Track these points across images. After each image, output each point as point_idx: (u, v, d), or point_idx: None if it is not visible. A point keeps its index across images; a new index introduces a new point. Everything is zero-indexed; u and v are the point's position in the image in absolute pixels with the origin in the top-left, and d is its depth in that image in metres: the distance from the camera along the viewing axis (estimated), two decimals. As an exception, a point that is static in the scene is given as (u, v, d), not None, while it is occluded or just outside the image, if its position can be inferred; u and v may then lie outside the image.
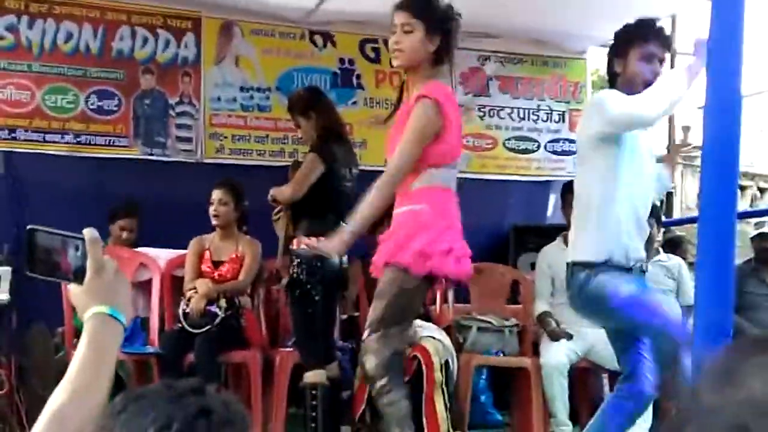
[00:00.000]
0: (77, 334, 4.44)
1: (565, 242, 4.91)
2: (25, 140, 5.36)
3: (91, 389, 1.22)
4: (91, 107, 5.51)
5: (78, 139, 5.47)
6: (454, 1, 5.26)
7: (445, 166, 3.36)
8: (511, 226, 6.16)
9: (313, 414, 4.13)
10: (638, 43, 3.23)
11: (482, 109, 6.41)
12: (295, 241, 4.22)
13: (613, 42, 3.39)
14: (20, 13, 5.38)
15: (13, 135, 5.34)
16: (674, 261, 5.10)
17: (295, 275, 4.18)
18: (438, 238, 3.25)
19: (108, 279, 1.32)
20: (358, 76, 6.06)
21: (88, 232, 1.33)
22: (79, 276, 1.32)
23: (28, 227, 1.36)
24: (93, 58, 5.53)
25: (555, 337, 4.65)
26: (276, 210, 4.49)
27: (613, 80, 3.36)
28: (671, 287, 4.94)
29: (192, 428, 1.07)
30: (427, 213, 3.28)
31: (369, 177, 5.23)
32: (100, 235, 1.47)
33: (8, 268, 3.97)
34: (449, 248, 3.26)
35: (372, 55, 6.11)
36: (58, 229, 1.38)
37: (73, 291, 1.33)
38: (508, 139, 6.48)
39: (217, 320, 4.37)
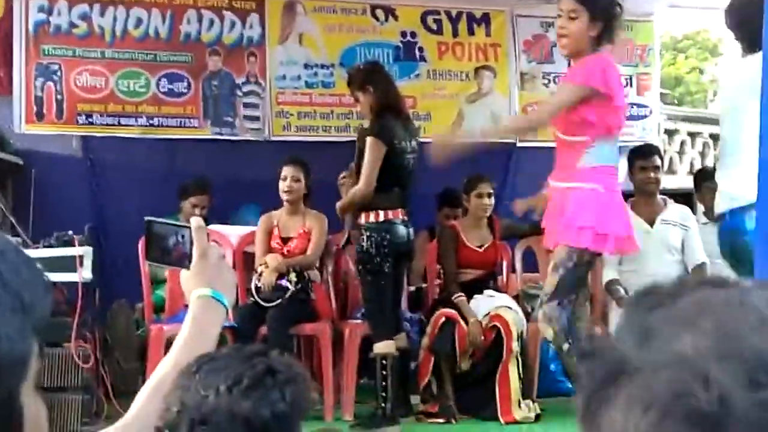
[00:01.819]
0: (156, 309, 4.62)
1: (632, 208, 4.84)
2: (100, 125, 5.47)
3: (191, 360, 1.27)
4: (162, 90, 5.59)
5: (150, 122, 5.56)
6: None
7: (612, 141, 3.44)
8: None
9: (383, 384, 4.15)
10: None
11: (547, 77, 6.30)
12: (363, 215, 4.28)
13: None
14: (92, 2, 5.47)
15: (89, 120, 5.46)
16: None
17: (364, 248, 4.23)
18: (607, 219, 3.34)
19: (212, 264, 1.36)
20: (421, 49, 6.01)
21: (195, 221, 1.39)
22: (185, 261, 1.37)
23: (146, 218, 1.42)
24: (162, 43, 5.61)
25: (624, 305, 4.59)
26: (341, 176, 4.51)
27: None
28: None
29: (260, 384, 1.14)
30: (601, 193, 3.34)
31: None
32: (171, 214, 1.54)
33: (90, 248, 4.04)
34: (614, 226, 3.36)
35: (434, 26, 6.06)
36: (133, 208, 1.46)
37: (182, 275, 1.39)
38: (575, 106, 6.39)
39: (288, 294, 4.41)
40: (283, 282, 4.46)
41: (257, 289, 4.45)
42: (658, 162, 5.00)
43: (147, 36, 5.59)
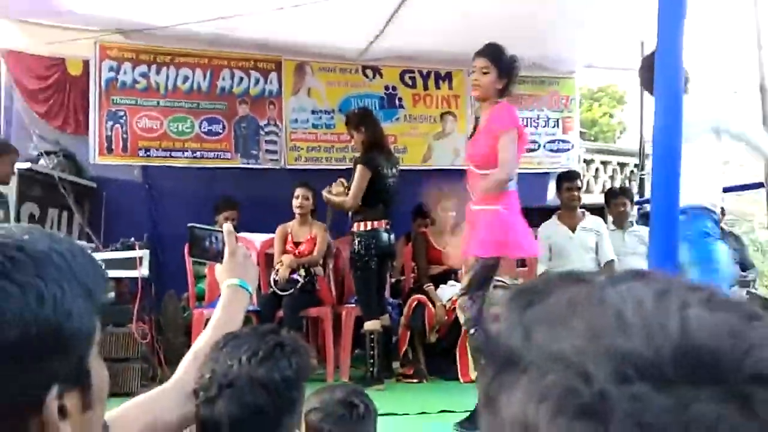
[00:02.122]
0: (198, 298, 4.59)
1: (559, 219, 4.86)
2: (156, 157, 5.47)
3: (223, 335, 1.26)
4: (203, 131, 5.60)
5: (194, 155, 5.56)
6: (473, 37, 5.27)
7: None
8: (521, 208, 6.08)
9: (371, 353, 4.15)
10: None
11: (495, 120, 6.35)
12: (355, 224, 4.27)
13: None
14: (150, 63, 5.49)
15: (147, 153, 5.46)
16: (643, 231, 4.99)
17: (356, 250, 4.23)
18: (506, 232, 3.24)
19: (239, 260, 1.34)
20: (400, 99, 6.03)
21: (226, 227, 1.38)
22: (219, 257, 1.36)
23: (189, 225, 1.40)
24: (203, 94, 5.62)
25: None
26: (326, 189, 4.46)
27: None
28: (643, 252, 4.86)
29: (272, 355, 1.15)
30: (502, 212, 3.22)
31: (409, 174, 5.29)
32: (209, 224, 1.52)
33: (147, 251, 4.03)
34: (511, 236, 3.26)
35: (410, 82, 6.08)
36: (180, 220, 1.44)
37: (216, 268, 1.38)
38: (516, 142, 6.41)
39: (299, 285, 4.39)
40: (295, 276, 4.45)
41: (275, 281, 4.43)
42: (580, 184, 5.03)
43: (192, 89, 5.59)
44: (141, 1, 4.66)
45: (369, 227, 4.18)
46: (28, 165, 4.49)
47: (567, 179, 4.95)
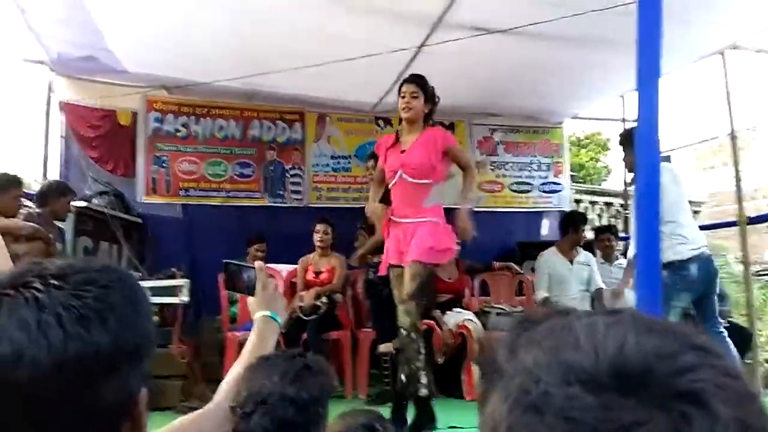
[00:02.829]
0: (231, 321, 4.60)
1: (558, 250, 4.83)
2: (195, 196, 5.53)
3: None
4: (236, 174, 5.67)
5: (228, 195, 5.62)
6: (473, 92, 5.39)
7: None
8: (517, 243, 6.09)
9: (386, 372, 4.14)
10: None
11: (493, 164, 6.41)
12: (373, 258, 4.26)
13: None
14: (190, 115, 5.60)
15: (187, 193, 5.52)
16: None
17: (370, 279, 4.24)
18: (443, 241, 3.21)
19: (269, 293, 1.34)
20: (409, 146, 6.12)
21: (258, 264, 1.37)
22: (251, 291, 1.35)
23: (224, 261, 1.40)
24: (236, 141, 5.70)
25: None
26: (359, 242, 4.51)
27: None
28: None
29: (300, 375, 1.19)
30: (442, 223, 3.23)
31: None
32: (241, 256, 1.52)
33: (187, 280, 4.05)
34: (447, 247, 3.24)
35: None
36: (216, 252, 1.46)
37: (249, 300, 1.36)
38: (512, 184, 6.45)
39: (321, 311, 4.38)
40: (318, 302, 4.44)
41: (300, 307, 4.42)
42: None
43: (226, 137, 5.68)
44: (183, 62, 4.80)
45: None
46: (83, 204, 4.55)
47: (582, 221, 4.98)
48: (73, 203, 4.21)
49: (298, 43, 4.28)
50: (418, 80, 3.29)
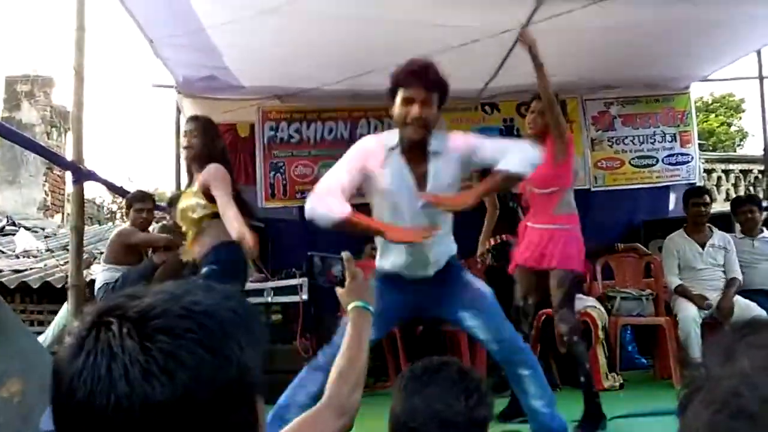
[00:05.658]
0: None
1: (687, 232, 4.38)
2: (310, 198, 5.69)
3: (357, 353, 1.25)
4: (348, 173, 5.75)
5: (341, 194, 5.72)
6: (583, 66, 4.98)
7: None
8: (642, 221, 5.60)
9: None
10: (398, 89, 2.42)
11: (611, 140, 5.92)
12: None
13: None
14: (302, 120, 5.71)
15: (303, 196, 5.56)
16: None
17: (491, 266, 4.08)
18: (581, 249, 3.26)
19: (359, 283, 1.34)
20: (518, 130, 5.79)
21: (345, 254, 1.38)
22: (341, 282, 1.35)
23: (309, 253, 1.44)
24: (346, 142, 5.72)
25: (701, 303, 4.04)
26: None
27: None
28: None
29: (483, 399, 1.19)
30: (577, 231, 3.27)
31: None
32: (357, 254, 1.50)
33: (306, 279, 4.14)
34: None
35: (526, 113, 5.86)
36: (332, 251, 1.44)
37: (338, 291, 1.37)
38: (633, 159, 5.91)
39: None
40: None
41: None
42: (708, 199, 4.47)
43: (336, 138, 5.74)
44: (292, 71, 4.90)
45: (499, 241, 4.03)
46: (213, 212, 4.79)
47: (695, 195, 4.47)
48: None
49: (398, 38, 4.18)
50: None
